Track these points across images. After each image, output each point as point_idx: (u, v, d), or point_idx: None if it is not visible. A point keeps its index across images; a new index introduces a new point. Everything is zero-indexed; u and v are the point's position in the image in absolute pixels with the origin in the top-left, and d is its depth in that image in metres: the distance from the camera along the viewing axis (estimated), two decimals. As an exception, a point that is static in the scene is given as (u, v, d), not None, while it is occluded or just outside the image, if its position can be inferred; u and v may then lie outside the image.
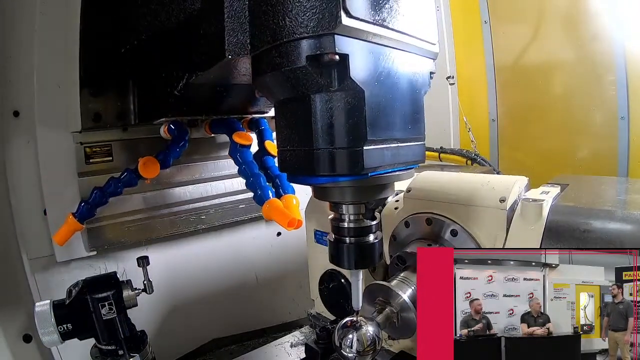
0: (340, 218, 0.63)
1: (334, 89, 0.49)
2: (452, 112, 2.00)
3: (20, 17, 1.04)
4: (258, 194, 1.01)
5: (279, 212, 0.95)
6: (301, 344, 0.96)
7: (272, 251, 1.59)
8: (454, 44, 2.02)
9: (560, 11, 1.70)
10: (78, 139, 1.10)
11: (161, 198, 1.27)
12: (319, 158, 0.52)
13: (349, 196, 0.59)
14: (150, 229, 1.25)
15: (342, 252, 0.64)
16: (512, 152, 1.94)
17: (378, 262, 0.66)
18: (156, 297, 1.30)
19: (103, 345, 0.83)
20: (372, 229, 0.64)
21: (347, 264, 0.64)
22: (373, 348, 0.66)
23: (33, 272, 1.11)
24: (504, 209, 0.70)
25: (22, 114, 1.08)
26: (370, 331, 0.66)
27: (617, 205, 0.72)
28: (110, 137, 1.14)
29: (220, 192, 1.37)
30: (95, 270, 1.18)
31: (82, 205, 1.05)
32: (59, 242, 1.03)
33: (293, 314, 1.63)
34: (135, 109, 1.13)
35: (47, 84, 1.06)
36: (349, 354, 0.65)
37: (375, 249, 0.64)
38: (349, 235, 0.63)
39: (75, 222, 1.03)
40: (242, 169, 1.07)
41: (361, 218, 0.62)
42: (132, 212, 1.21)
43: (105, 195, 1.05)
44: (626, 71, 1.53)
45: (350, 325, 0.67)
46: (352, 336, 0.65)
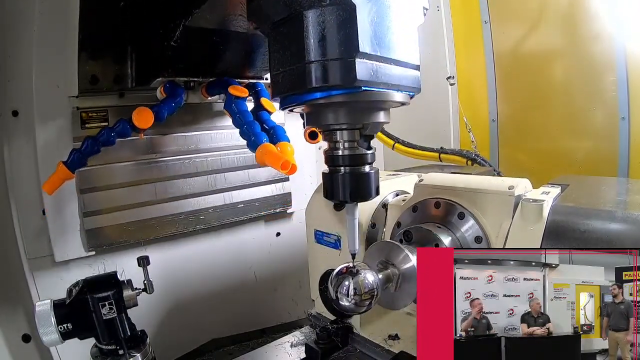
0: (334, 147, 0.61)
1: (325, 4, 0.50)
2: (452, 113, 2.00)
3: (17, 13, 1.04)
4: (252, 140, 0.99)
5: (272, 155, 0.91)
6: (301, 344, 0.96)
7: (271, 251, 1.59)
8: (454, 44, 2.02)
9: (560, 11, 1.70)
10: (75, 104, 1.09)
11: (162, 191, 1.26)
12: (312, 70, 0.52)
13: (342, 116, 0.58)
14: (149, 229, 1.24)
15: (336, 182, 0.61)
16: (512, 153, 1.94)
17: (374, 196, 0.63)
18: (156, 297, 1.30)
19: (103, 345, 0.83)
20: (368, 159, 0.61)
21: (342, 194, 0.61)
22: (370, 297, 0.61)
23: (32, 272, 1.12)
24: (512, 195, 0.72)
25: (21, 113, 1.09)
26: (369, 278, 0.61)
27: (617, 205, 0.73)
28: (107, 102, 1.13)
29: (221, 186, 1.37)
30: (94, 270, 1.18)
31: (74, 153, 1.00)
32: (48, 190, 1.00)
33: (293, 314, 1.63)
34: (133, 73, 1.12)
35: (46, 83, 1.06)
36: (346, 302, 0.60)
37: (371, 180, 0.61)
38: (343, 164, 0.60)
39: (66, 170, 0.99)
40: (237, 118, 1.05)
41: (356, 146, 0.60)
42: (131, 211, 1.20)
43: (97, 144, 1.01)
44: (627, 71, 1.53)
45: (346, 271, 0.62)
46: (348, 283, 0.61)
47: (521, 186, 0.76)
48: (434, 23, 1.99)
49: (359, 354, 0.90)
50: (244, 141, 1.03)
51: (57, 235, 1.11)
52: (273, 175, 1.48)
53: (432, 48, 1.99)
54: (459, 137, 2.01)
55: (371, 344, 0.90)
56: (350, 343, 0.93)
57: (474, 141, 1.81)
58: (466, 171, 1.22)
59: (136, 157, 1.20)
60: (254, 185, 1.44)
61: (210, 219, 1.36)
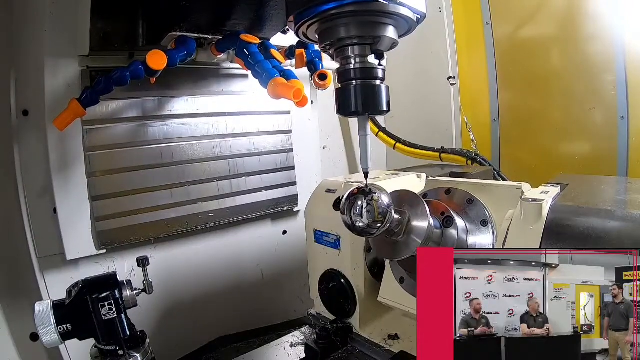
0: (346, 62, 0.62)
1: None
2: (453, 112, 2.00)
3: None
4: (264, 77, 0.99)
5: (284, 86, 0.92)
6: (301, 344, 0.96)
7: (278, 249, 1.60)
8: (455, 45, 2.02)
9: (560, 12, 1.70)
10: (85, 63, 1.09)
11: (175, 192, 1.28)
12: None
13: (353, 28, 0.59)
14: (159, 227, 1.25)
15: (348, 94, 0.61)
16: (512, 152, 1.94)
17: (387, 111, 0.63)
18: (163, 295, 1.31)
19: (103, 346, 0.83)
20: (379, 73, 0.62)
21: (355, 106, 0.61)
22: (383, 219, 0.59)
23: (42, 271, 1.12)
24: (519, 188, 0.77)
25: (32, 112, 1.09)
26: (383, 198, 0.60)
27: (617, 204, 0.72)
28: (117, 63, 1.12)
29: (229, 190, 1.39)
30: (104, 269, 1.19)
31: (87, 90, 0.99)
32: (59, 126, 0.98)
33: (299, 312, 1.64)
34: (144, 31, 1.11)
35: (56, 81, 1.06)
36: (360, 223, 0.58)
37: (382, 92, 0.62)
38: (355, 77, 0.61)
39: (79, 107, 0.97)
40: (248, 60, 1.05)
41: (367, 60, 0.61)
42: (142, 209, 1.21)
43: (110, 83, 1.00)
44: (626, 71, 1.53)
45: (358, 192, 0.61)
46: (361, 202, 0.59)
47: (524, 187, 0.79)
48: (436, 24, 1.99)
49: (359, 354, 0.90)
50: (255, 147, 1.03)
51: (68, 233, 1.11)
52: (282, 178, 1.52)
53: (433, 48, 2.00)
54: (460, 136, 2.02)
55: (371, 344, 0.90)
56: (350, 343, 0.93)
57: (474, 141, 1.81)
58: (466, 171, 1.22)
59: (146, 142, 1.22)
60: (264, 189, 1.48)
61: (218, 217, 1.37)
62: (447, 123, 2.01)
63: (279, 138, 1.51)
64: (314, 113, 1.65)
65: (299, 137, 1.56)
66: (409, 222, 0.67)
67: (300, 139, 1.57)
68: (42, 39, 1.04)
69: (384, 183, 0.98)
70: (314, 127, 1.66)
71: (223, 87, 1.38)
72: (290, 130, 1.54)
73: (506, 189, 0.79)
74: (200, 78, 1.32)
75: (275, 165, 1.50)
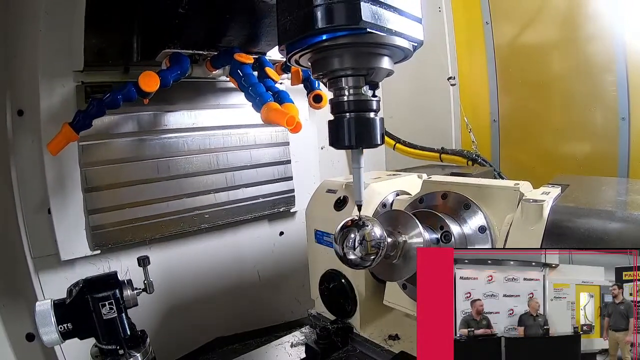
0: (339, 94, 0.61)
1: None
2: (453, 113, 2.00)
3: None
4: (257, 100, 0.99)
5: (277, 112, 0.92)
6: (301, 344, 0.96)
7: (275, 250, 1.60)
8: (455, 45, 2.02)
9: (560, 12, 1.70)
10: (79, 78, 1.09)
11: (167, 189, 1.27)
12: (318, 12, 0.54)
13: (347, 60, 0.58)
14: (154, 228, 1.25)
15: (342, 128, 0.61)
16: (513, 153, 1.94)
17: (380, 144, 0.63)
18: (159, 296, 1.31)
19: (103, 345, 0.83)
20: (373, 105, 0.61)
21: (348, 140, 0.60)
22: (377, 250, 0.60)
23: (37, 271, 1.12)
24: (517, 190, 0.75)
25: (26, 112, 1.09)
26: (375, 230, 0.60)
27: (617, 205, 0.73)
28: (112, 78, 1.13)
29: (224, 185, 1.38)
30: (98, 269, 1.19)
31: (79, 114, 0.98)
32: (52, 150, 0.98)
33: (296, 313, 1.64)
34: (139, 47, 1.11)
35: (51, 81, 1.06)
36: (352, 255, 0.59)
37: (376, 125, 0.61)
38: (348, 109, 0.60)
39: (71, 131, 0.97)
40: (242, 82, 1.05)
41: (361, 92, 0.60)
42: (136, 209, 1.21)
43: (103, 106, 0.99)
44: (627, 72, 1.53)
45: (351, 224, 0.61)
46: (354, 235, 0.59)
47: (525, 186, 0.78)
48: (436, 24, 1.99)
49: (359, 354, 0.90)
50: (249, 142, 1.02)
51: (63, 234, 1.11)
52: (277, 173, 1.51)
53: (433, 49, 1.99)
54: (460, 137, 2.01)
55: (371, 344, 0.90)
56: (350, 343, 0.93)
57: (474, 141, 1.81)
58: (466, 171, 1.22)
59: (142, 157, 1.21)
60: (259, 183, 1.46)
61: (214, 218, 1.37)
62: (447, 124, 2.01)
63: (276, 150, 1.51)
64: (312, 113, 1.65)
65: (297, 138, 1.56)
66: (405, 244, 0.67)
67: (298, 140, 1.57)
68: (36, 56, 1.03)
69: (385, 183, 0.98)
70: (312, 128, 1.67)
71: (220, 101, 1.37)
72: (288, 142, 1.53)
73: (504, 190, 0.77)
74: (196, 92, 1.32)
75: (272, 177, 1.50)
